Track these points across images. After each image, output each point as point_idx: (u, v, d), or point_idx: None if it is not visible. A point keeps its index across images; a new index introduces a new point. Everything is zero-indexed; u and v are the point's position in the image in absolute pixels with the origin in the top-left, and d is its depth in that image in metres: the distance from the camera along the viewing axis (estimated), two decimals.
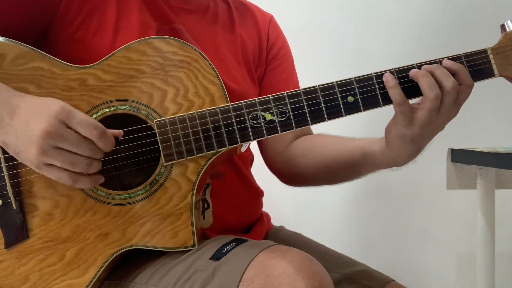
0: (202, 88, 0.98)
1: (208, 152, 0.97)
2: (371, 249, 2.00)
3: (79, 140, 0.88)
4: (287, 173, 1.28)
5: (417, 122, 0.96)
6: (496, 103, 1.97)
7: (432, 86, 0.95)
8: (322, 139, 1.24)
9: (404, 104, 0.96)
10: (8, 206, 0.95)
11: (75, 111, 0.89)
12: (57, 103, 0.89)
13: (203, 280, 0.90)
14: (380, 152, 1.05)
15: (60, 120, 0.87)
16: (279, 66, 1.29)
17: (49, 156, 0.87)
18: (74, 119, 0.88)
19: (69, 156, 0.88)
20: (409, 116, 0.96)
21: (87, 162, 0.89)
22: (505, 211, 1.84)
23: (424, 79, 0.95)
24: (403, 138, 0.99)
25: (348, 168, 1.15)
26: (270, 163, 1.31)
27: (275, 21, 1.34)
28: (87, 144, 0.89)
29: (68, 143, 0.87)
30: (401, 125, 0.97)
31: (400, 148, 1.01)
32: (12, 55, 0.95)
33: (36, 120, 0.87)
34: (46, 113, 0.87)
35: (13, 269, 0.96)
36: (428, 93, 0.95)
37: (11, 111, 0.88)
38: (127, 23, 1.07)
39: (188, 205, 0.97)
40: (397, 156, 1.02)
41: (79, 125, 0.88)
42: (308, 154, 1.22)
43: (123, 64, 0.98)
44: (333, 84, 0.98)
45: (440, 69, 0.96)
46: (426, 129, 0.97)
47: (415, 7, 2.02)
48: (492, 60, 1.00)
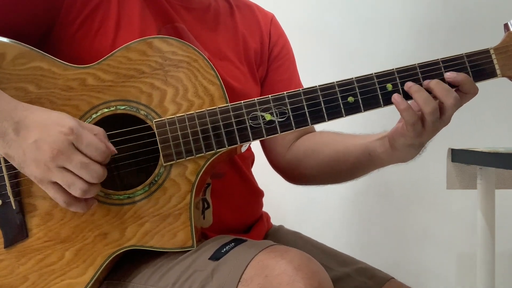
0: (201, 88, 0.98)
1: (207, 152, 0.97)
2: (371, 249, 1.99)
3: (83, 165, 0.88)
4: (292, 174, 1.29)
5: (426, 133, 0.98)
6: (496, 103, 1.96)
7: (427, 101, 0.95)
8: (324, 138, 1.24)
9: (417, 123, 0.97)
10: (8, 206, 0.95)
11: (84, 133, 0.89)
12: (66, 122, 0.88)
13: (202, 280, 0.89)
14: (385, 153, 1.06)
15: (70, 141, 0.87)
16: (281, 66, 1.29)
17: (54, 174, 0.88)
18: (83, 142, 0.88)
19: (70, 177, 0.88)
20: (420, 130, 0.98)
21: (84, 188, 0.89)
22: (505, 211, 1.84)
23: (417, 95, 0.96)
24: (412, 146, 1.01)
25: (352, 168, 1.16)
26: (274, 162, 1.31)
27: (277, 21, 1.34)
28: (90, 169, 0.88)
29: (73, 166, 0.87)
30: (410, 137, 0.99)
31: (406, 151, 1.03)
32: (12, 55, 0.95)
33: (46, 141, 0.87)
34: (56, 133, 0.87)
35: (12, 269, 0.96)
36: (425, 108, 0.95)
37: (16, 126, 0.88)
38: (128, 22, 1.06)
39: (187, 205, 0.97)
40: (404, 157, 1.05)
41: (87, 148, 0.88)
42: (311, 155, 1.22)
43: (122, 64, 0.97)
44: (334, 84, 0.98)
45: (440, 86, 0.96)
46: (432, 133, 1.00)
47: (415, 7, 2.02)
48: (495, 60, 0.99)
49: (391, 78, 0.98)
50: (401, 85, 0.97)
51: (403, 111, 0.96)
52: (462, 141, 1.66)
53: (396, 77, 0.98)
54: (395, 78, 0.98)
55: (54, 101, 0.96)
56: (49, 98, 0.95)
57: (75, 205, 0.91)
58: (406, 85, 0.97)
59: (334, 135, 1.23)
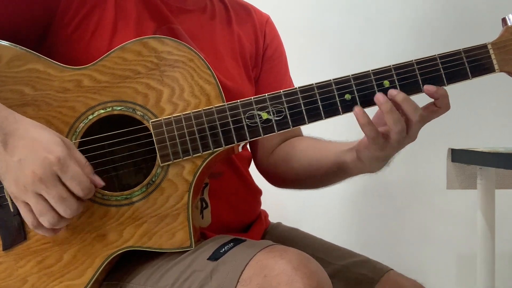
0: (197, 87, 0.98)
1: (204, 152, 0.96)
2: (371, 249, 1.97)
3: (60, 199, 0.87)
4: (273, 177, 1.31)
5: (389, 146, 0.99)
6: (496, 103, 1.97)
7: (396, 121, 0.95)
8: (302, 144, 1.25)
9: (378, 137, 0.97)
10: (6, 208, 0.95)
11: (70, 164, 0.87)
12: (55, 150, 0.87)
13: (201, 281, 0.89)
14: (353, 164, 1.07)
15: (54, 171, 0.86)
16: (273, 67, 1.30)
17: (29, 197, 0.87)
18: (68, 174, 0.87)
19: (43, 206, 0.87)
20: (383, 144, 0.98)
21: (53, 222, 0.88)
22: (505, 211, 1.84)
23: (389, 116, 0.95)
24: (377, 159, 1.03)
25: (325, 175, 1.17)
26: (258, 166, 1.32)
27: (272, 22, 1.34)
28: (66, 204, 0.87)
29: (50, 197, 0.87)
30: (374, 150, 0.99)
31: (372, 163, 1.04)
32: (7, 57, 0.95)
33: (30, 163, 0.86)
34: (42, 159, 0.86)
35: (11, 271, 0.95)
36: (393, 127, 0.95)
37: (4, 138, 0.87)
38: (125, 23, 1.07)
39: (185, 205, 0.97)
40: (370, 169, 1.07)
41: (71, 181, 0.87)
42: (288, 160, 1.23)
43: (118, 64, 0.97)
44: (330, 82, 0.98)
45: (407, 102, 0.96)
46: (398, 148, 1.00)
47: (415, 6, 2.02)
48: (493, 55, 0.99)
49: (388, 75, 0.98)
50: (398, 82, 0.97)
51: (363, 126, 0.96)
52: (462, 141, 1.66)
53: (393, 74, 0.97)
54: (392, 75, 0.97)
55: (50, 103, 0.96)
56: (45, 100, 0.95)
57: (42, 231, 0.91)
58: (376, 97, 0.96)
59: (312, 142, 1.24)
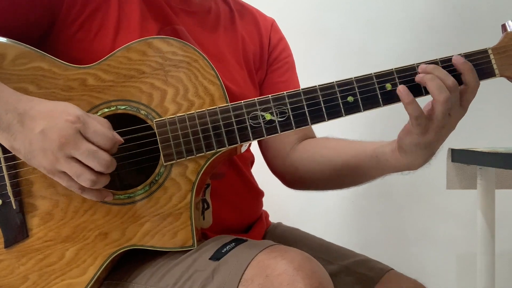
0: (202, 88, 0.98)
1: (208, 152, 0.97)
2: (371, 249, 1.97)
3: (91, 152, 0.88)
4: (291, 177, 1.27)
5: (432, 129, 0.96)
6: (496, 103, 1.97)
7: (441, 89, 0.94)
8: (329, 142, 1.23)
9: (422, 117, 0.95)
10: (8, 205, 0.95)
11: (90, 121, 0.89)
12: (72, 111, 0.89)
13: (203, 281, 0.90)
14: (393, 156, 1.04)
15: (77, 129, 0.88)
16: (280, 68, 1.29)
17: (62, 164, 0.88)
18: (90, 130, 0.89)
19: (78, 168, 0.88)
20: (426, 126, 0.96)
21: (92, 178, 0.89)
22: (505, 211, 1.84)
23: (432, 83, 0.94)
24: (418, 146, 0.99)
25: (356, 173, 1.13)
26: (273, 166, 1.29)
27: (277, 25, 1.34)
28: (98, 157, 0.88)
29: (80, 153, 0.88)
30: (416, 134, 0.97)
31: (415, 153, 1.00)
32: (12, 55, 0.95)
33: (53, 130, 0.87)
34: (63, 121, 0.87)
35: (12, 269, 0.96)
36: (438, 96, 0.94)
37: (21, 118, 0.88)
38: (128, 24, 1.07)
39: (187, 205, 0.97)
40: (412, 161, 1.02)
41: (94, 135, 0.89)
42: (314, 158, 1.20)
43: (123, 64, 0.98)
44: (333, 84, 0.98)
45: (438, 70, 0.96)
46: (440, 133, 0.97)
47: (415, 7, 2.02)
48: (493, 60, 0.99)
49: (390, 78, 0.98)
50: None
51: (407, 104, 0.95)
52: (462, 141, 1.65)
53: (395, 77, 0.97)
54: (394, 78, 0.98)
55: None
56: (50, 99, 0.95)
57: (90, 193, 0.92)
58: (418, 77, 0.96)
59: (338, 140, 1.21)
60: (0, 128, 0.89)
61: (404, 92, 0.95)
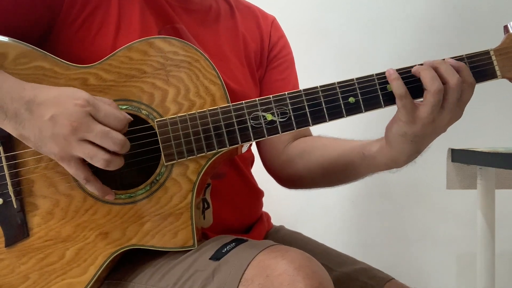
0: (203, 88, 0.98)
1: (209, 152, 0.97)
2: (371, 249, 2.00)
3: (104, 133, 0.88)
4: (285, 175, 1.27)
5: (419, 119, 0.95)
6: (496, 103, 1.97)
7: (434, 79, 0.93)
8: (320, 140, 1.23)
9: (407, 97, 0.94)
10: (9, 205, 0.96)
11: (99, 103, 0.90)
12: (80, 95, 0.90)
13: (203, 281, 0.90)
14: (379, 152, 1.03)
15: (87, 112, 0.88)
16: (279, 66, 1.29)
17: (74, 148, 0.88)
18: (101, 112, 0.89)
19: (91, 149, 0.89)
20: (412, 111, 0.94)
21: (106, 158, 0.89)
22: (505, 211, 1.84)
23: (426, 73, 0.94)
24: (404, 136, 0.97)
25: (345, 170, 1.13)
26: (268, 164, 1.30)
27: (277, 23, 1.34)
28: (111, 137, 0.89)
29: (93, 135, 0.88)
30: (403, 122, 0.96)
31: (400, 147, 0.99)
32: (13, 54, 0.95)
33: (63, 115, 0.87)
34: (72, 106, 0.88)
35: (13, 268, 0.96)
36: (430, 86, 0.93)
37: (28, 106, 0.88)
38: (129, 23, 1.07)
39: (188, 205, 0.97)
40: (396, 155, 1.01)
41: (106, 117, 0.89)
42: (306, 155, 1.20)
43: (124, 63, 0.98)
44: (335, 85, 0.98)
45: (445, 65, 0.95)
46: (428, 127, 0.96)
47: (416, 8, 2.02)
48: (495, 61, 0.99)
49: None
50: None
51: (393, 81, 0.95)
52: (462, 141, 1.66)
53: None
54: None
55: None
56: None
57: (94, 184, 0.92)
58: (414, 67, 0.96)
59: (330, 139, 1.22)
60: (7, 117, 0.89)
61: (391, 70, 0.96)
